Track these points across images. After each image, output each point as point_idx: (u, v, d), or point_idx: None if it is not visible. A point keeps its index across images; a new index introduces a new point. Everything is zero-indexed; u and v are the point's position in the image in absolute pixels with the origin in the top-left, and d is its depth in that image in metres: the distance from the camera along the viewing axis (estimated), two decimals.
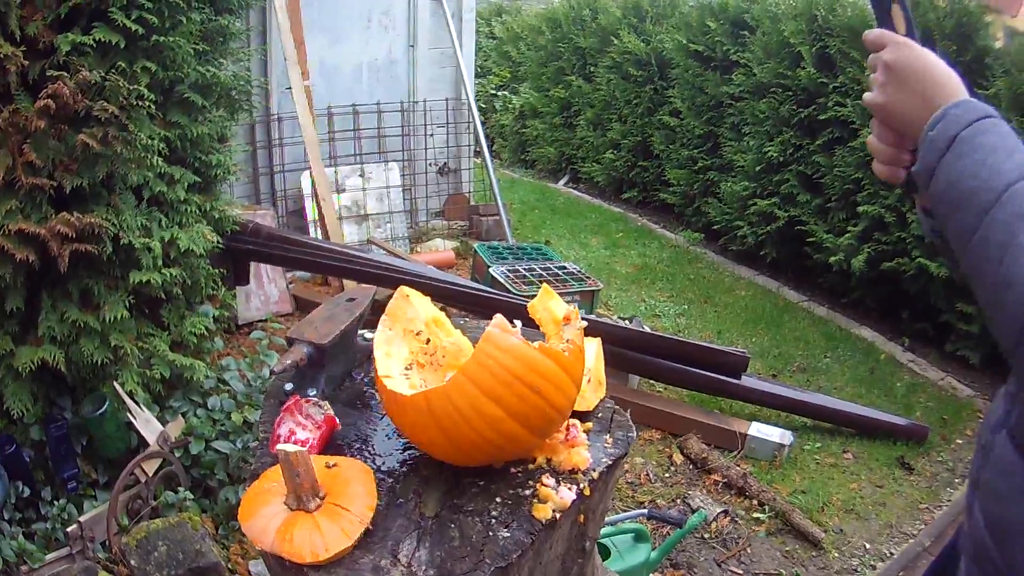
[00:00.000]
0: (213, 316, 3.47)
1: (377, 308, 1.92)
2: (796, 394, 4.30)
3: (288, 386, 1.73)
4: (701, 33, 6.93)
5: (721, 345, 4.58)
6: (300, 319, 4.98)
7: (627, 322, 4.56)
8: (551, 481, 1.48)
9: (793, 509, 3.53)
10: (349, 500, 1.36)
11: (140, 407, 2.91)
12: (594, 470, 1.54)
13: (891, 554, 3.37)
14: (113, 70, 2.51)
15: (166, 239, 2.95)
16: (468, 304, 4.24)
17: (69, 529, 2.66)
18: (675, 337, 4.50)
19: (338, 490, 1.38)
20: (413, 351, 1.62)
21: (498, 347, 1.37)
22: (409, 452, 1.58)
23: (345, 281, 5.23)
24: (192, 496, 2.85)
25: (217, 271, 3.41)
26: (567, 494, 1.45)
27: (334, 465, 1.44)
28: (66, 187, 2.51)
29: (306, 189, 5.51)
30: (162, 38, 2.63)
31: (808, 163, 5.82)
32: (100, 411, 2.76)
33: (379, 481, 1.47)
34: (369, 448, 1.60)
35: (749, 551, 3.36)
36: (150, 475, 2.84)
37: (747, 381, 4.15)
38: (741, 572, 3.26)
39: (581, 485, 1.49)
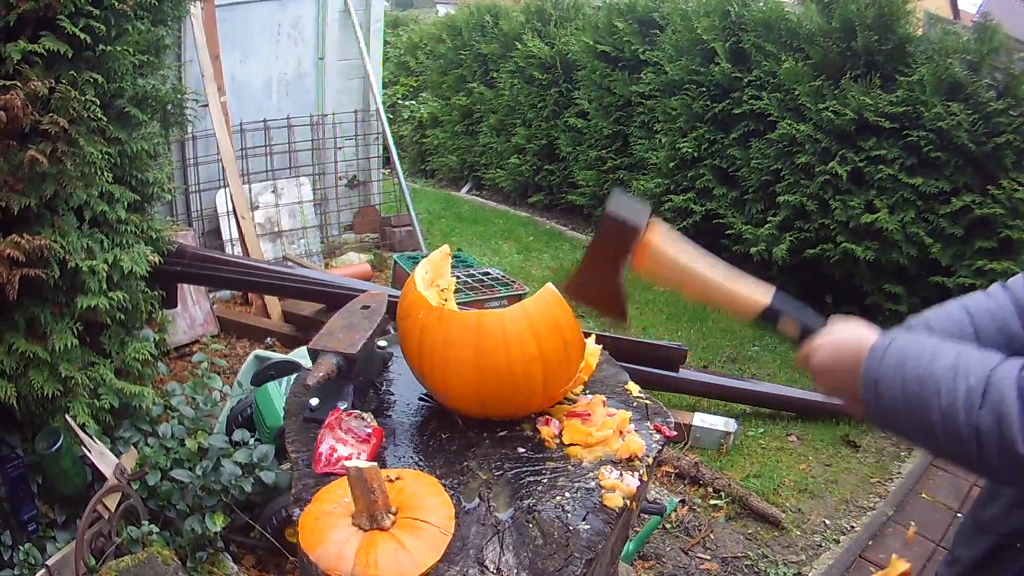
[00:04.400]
0: (154, 341, 3.29)
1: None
2: (735, 383, 4.39)
3: (314, 401, 1.65)
4: (609, 34, 6.99)
5: (658, 340, 4.64)
6: (226, 340, 4.87)
7: None
8: (614, 472, 1.47)
9: (749, 493, 3.60)
10: (426, 512, 1.31)
11: (94, 440, 2.73)
12: (648, 456, 1.55)
13: (851, 527, 3.47)
14: (60, 81, 2.35)
15: (110, 261, 2.78)
16: None
17: (38, 575, 2.48)
18: (611, 335, 4.53)
19: (410, 503, 1.33)
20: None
21: (554, 298, 1.58)
22: (462, 461, 1.54)
23: (267, 298, 5.09)
24: (157, 529, 2.70)
25: (155, 294, 3.25)
26: (632, 481, 1.47)
27: (397, 478, 1.38)
28: (14, 208, 2.33)
29: (221, 208, 5.33)
30: (108, 48, 2.47)
31: (723, 157, 5.94)
32: (56, 446, 2.58)
33: None
34: (416, 457, 1.55)
35: (712, 537, 3.41)
36: (112, 510, 2.67)
37: (685, 373, 4.21)
38: (708, 557, 3.30)
39: (640, 471, 1.49)
